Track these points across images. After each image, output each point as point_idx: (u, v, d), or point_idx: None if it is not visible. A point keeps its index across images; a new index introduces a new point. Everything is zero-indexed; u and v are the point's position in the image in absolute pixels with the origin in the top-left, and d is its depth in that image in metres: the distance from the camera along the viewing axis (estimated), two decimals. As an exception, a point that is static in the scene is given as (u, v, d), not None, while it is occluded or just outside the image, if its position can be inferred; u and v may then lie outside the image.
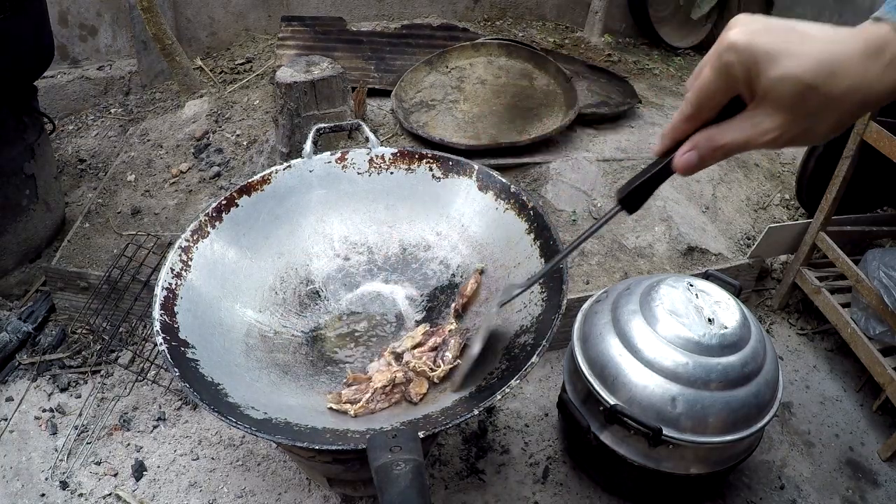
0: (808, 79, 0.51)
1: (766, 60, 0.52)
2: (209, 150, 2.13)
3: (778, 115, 0.54)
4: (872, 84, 0.50)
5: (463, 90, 2.24)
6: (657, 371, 1.18)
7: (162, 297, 1.00)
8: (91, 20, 2.64)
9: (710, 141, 0.58)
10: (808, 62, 0.51)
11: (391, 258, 1.26)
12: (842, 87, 0.51)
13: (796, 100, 0.52)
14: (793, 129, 0.54)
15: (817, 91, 0.51)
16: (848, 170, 1.60)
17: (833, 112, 0.52)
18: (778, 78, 0.52)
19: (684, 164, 0.60)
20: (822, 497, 1.47)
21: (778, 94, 0.53)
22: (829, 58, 0.51)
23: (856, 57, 0.50)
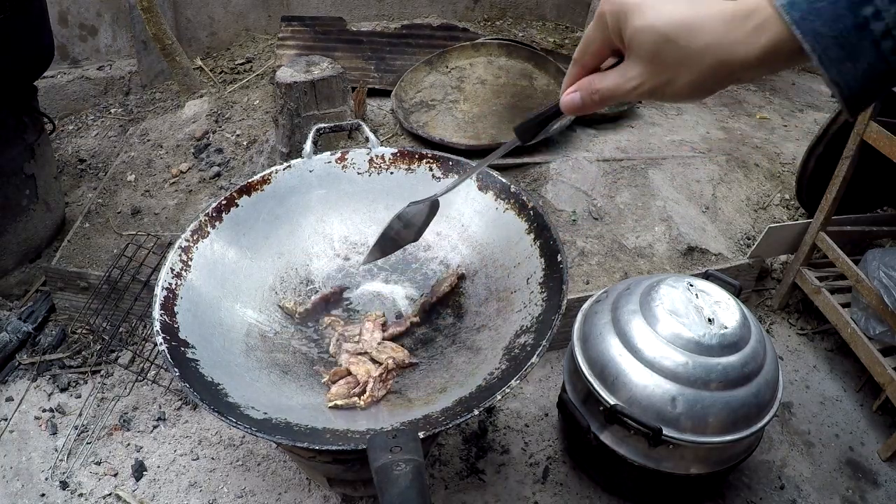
0: (665, 30, 0.53)
1: (632, 11, 0.55)
2: (209, 150, 2.13)
3: (639, 64, 0.57)
4: (732, 46, 0.51)
5: (463, 90, 2.24)
6: (657, 371, 1.18)
7: (162, 297, 1.00)
8: (91, 20, 2.64)
9: (590, 84, 0.61)
10: (669, 16, 0.53)
11: (391, 258, 1.26)
12: (698, 44, 0.52)
13: (654, 50, 0.55)
14: (653, 79, 0.56)
15: (674, 44, 0.53)
16: (848, 170, 1.60)
17: (690, 68, 0.53)
18: (639, 28, 0.54)
19: (567, 104, 0.64)
20: (822, 497, 1.47)
21: (638, 44, 0.55)
22: (691, 13, 0.52)
23: (719, 17, 0.51)
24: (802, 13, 0.48)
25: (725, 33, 0.51)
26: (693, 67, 0.53)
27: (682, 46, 0.53)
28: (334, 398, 1.01)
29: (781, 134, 2.41)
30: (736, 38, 0.51)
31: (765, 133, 2.39)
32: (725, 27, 0.51)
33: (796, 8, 0.48)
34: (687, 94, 0.56)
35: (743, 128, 2.41)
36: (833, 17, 0.47)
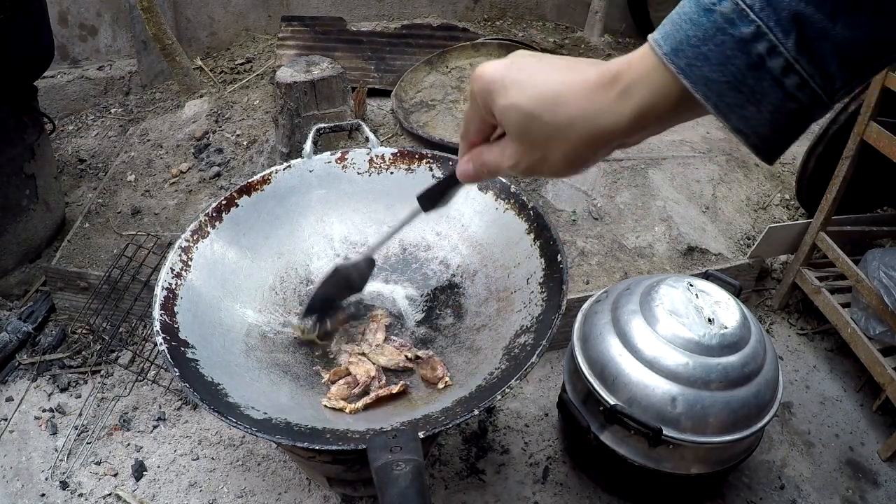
0: (528, 108, 0.51)
1: (497, 91, 0.53)
2: (209, 150, 2.13)
3: (513, 143, 0.56)
4: (598, 117, 0.48)
5: (463, 90, 2.24)
6: (657, 371, 1.18)
7: (162, 297, 1.00)
8: (91, 20, 2.64)
9: (478, 156, 0.61)
10: (531, 92, 0.51)
11: (391, 258, 1.26)
12: (563, 118, 0.50)
13: (521, 128, 0.53)
14: (528, 157, 0.55)
15: (539, 121, 0.51)
16: (848, 170, 1.59)
17: (560, 143, 0.51)
18: (504, 107, 0.53)
19: (461, 173, 0.64)
20: (822, 497, 1.47)
21: (506, 123, 0.54)
22: (554, 87, 0.50)
23: (582, 88, 0.49)
24: (688, 60, 0.43)
25: (589, 104, 0.49)
26: (562, 142, 0.51)
27: (546, 122, 0.51)
28: (335, 398, 1.01)
29: (781, 134, 2.40)
30: (600, 108, 0.48)
31: (765, 133, 2.39)
32: (588, 97, 0.49)
33: (681, 56, 0.44)
34: (563, 168, 0.54)
35: (743, 128, 2.40)
36: (721, 59, 0.42)
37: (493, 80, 0.54)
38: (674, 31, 0.45)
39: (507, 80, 0.53)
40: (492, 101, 0.54)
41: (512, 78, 0.53)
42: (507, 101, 0.53)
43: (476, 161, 0.62)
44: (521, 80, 0.52)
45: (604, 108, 0.48)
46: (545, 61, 0.53)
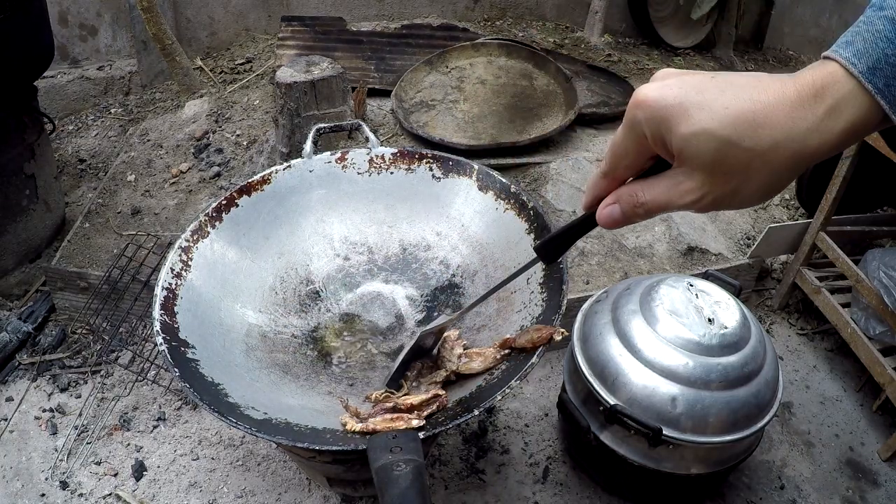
0: (724, 134, 0.45)
1: (677, 116, 0.47)
2: (209, 150, 2.13)
3: (697, 174, 0.48)
4: (806, 137, 0.44)
5: (463, 90, 2.24)
6: (657, 371, 1.18)
7: (162, 297, 1.00)
8: (91, 20, 2.64)
9: (632, 197, 0.53)
10: (724, 114, 0.45)
11: (391, 258, 1.26)
12: (766, 142, 0.44)
13: (714, 157, 0.46)
14: (715, 189, 0.48)
15: (737, 147, 0.45)
16: (848, 170, 1.60)
17: (760, 171, 0.46)
18: (691, 134, 0.46)
19: (606, 218, 0.56)
20: (822, 497, 1.47)
21: (693, 153, 0.47)
22: (751, 107, 0.45)
23: (784, 106, 0.44)
24: (887, 79, 0.41)
25: (794, 123, 0.44)
26: (763, 168, 0.45)
27: (747, 149, 0.45)
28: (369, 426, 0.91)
29: (781, 134, 2.40)
30: (808, 128, 0.43)
31: (765, 133, 2.39)
32: (793, 116, 0.44)
33: (879, 75, 0.41)
34: (759, 197, 0.49)
35: (743, 128, 2.41)
36: None
37: (667, 105, 0.47)
38: (867, 48, 0.42)
39: (686, 103, 0.46)
40: (668, 130, 0.47)
41: (692, 100, 0.46)
42: (693, 128, 0.46)
43: (628, 202, 0.53)
44: (706, 102, 0.46)
45: (811, 127, 0.44)
46: (722, 79, 0.47)
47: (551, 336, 0.93)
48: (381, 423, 0.88)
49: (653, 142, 0.50)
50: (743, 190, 0.47)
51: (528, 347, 0.95)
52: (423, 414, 0.90)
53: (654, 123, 0.48)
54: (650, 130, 0.49)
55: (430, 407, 0.92)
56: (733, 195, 0.48)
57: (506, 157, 1.97)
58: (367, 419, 0.90)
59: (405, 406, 0.91)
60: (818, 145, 0.44)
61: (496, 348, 0.99)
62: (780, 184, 0.48)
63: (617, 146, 0.53)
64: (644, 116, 0.49)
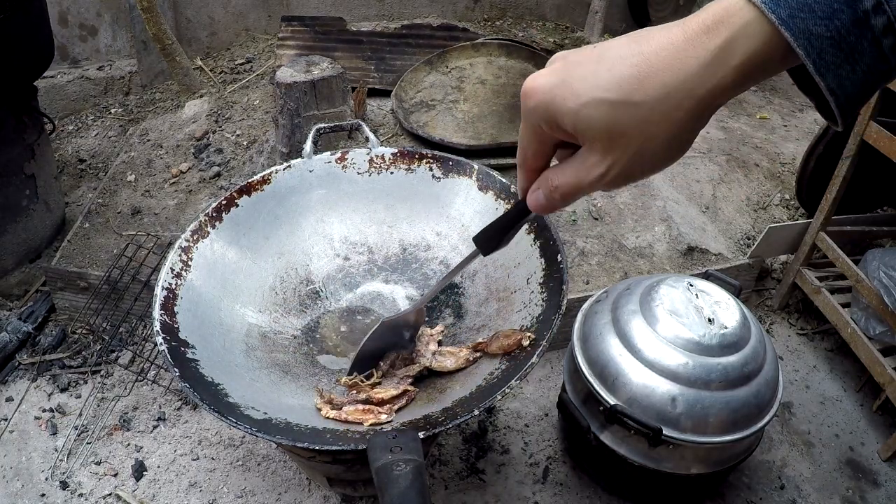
0: (610, 96, 0.43)
1: (563, 94, 0.45)
2: (209, 150, 2.13)
3: (596, 147, 0.46)
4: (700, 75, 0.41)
5: (463, 90, 2.24)
6: (657, 371, 1.18)
7: (162, 297, 1.00)
8: (91, 20, 2.64)
9: (548, 182, 0.52)
10: (607, 77, 0.43)
11: (391, 258, 1.26)
12: (656, 90, 0.42)
13: (606, 124, 0.44)
14: (619, 158, 0.45)
15: (627, 105, 0.42)
16: (848, 170, 1.59)
17: (659, 124, 0.43)
18: (579, 106, 0.44)
19: (533, 203, 0.55)
20: (822, 497, 1.47)
21: (585, 126, 0.45)
22: (634, 61, 0.42)
23: (671, 50, 0.41)
24: (791, 11, 0.39)
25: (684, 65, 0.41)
26: (663, 122, 0.43)
27: (637, 103, 0.42)
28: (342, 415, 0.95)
29: (781, 134, 2.41)
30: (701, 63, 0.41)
31: (765, 133, 2.39)
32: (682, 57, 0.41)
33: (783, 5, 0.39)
34: (666, 155, 0.46)
35: (743, 128, 2.41)
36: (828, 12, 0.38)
37: (550, 88, 0.46)
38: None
39: (568, 79, 0.45)
40: (557, 110, 0.46)
41: (573, 74, 0.45)
42: (579, 101, 0.44)
43: (546, 187, 0.52)
44: (588, 72, 0.44)
45: (705, 63, 0.41)
46: (605, 44, 0.45)
47: (520, 342, 0.97)
48: (353, 414, 0.93)
49: (549, 129, 0.48)
50: (648, 151, 0.44)
51: (500, 354, 0.99)
52: (394, 408, 0.96)
53: (543, 109, 0.47)
54: (543, 118, 0.47)
55: (399, 401, 0.97)
56: (640, 159, 0.45)
57: (506, 157, 1.97)
58: (340, 407, 0.95)
59: (377, 400, 0.96)
60: (716, 83, 0.41)
61: (469, 350, 1.02)
62: (687, 135, 0.44)
63: (521, 138, 0.53)
64: (533, 105, 0.47)
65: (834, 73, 0.39)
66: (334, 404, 0.96)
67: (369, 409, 0.95)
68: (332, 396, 0.98)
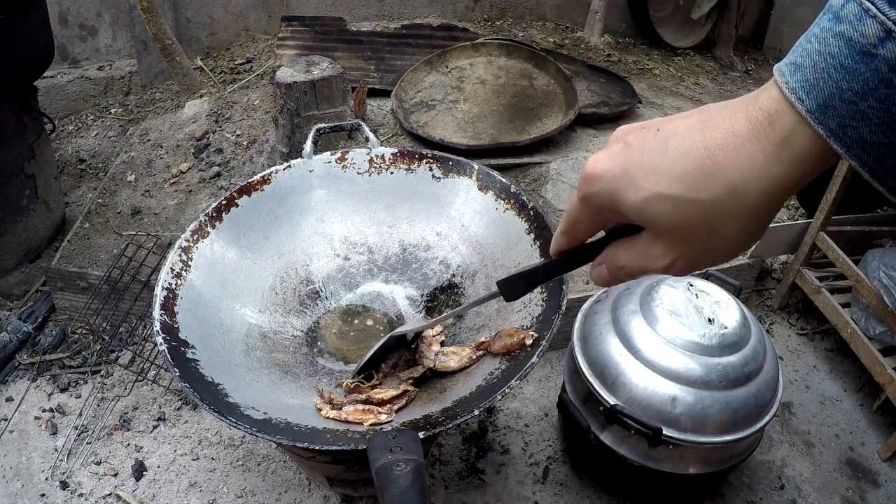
0: (675, 192, 0.41)
1: (626, 185, 0.43)
2: (209, 150, 2.13)
3: (661, 240, 0.44)
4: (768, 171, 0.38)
5: (463, 90, 2.24)
6: (657, 371, 1.18)
7: (162, 297, 1.00)
8: (91, 20, 2.64)
9: (613, 260, 0.50)
10: (671, 172, 0.41)
11: (391, 258, 1.26)
12: (721, 190, 0.40)
13: (672, 220, 0.42)
14: (685, 252, 0.44)
15: (692, 203, 0.41)
16: (848, 170, 1.60)
17: (727, 221, 0.41)
18: (642, 201, 0.42)
19: (596, 277, 0.52)
20: (822, 497, 1.47)
21: (650, 219, 0.43)
22: (698, 155, 0.40)
23: (735, 144, 0.39)
24: (841, 119, 0.35)
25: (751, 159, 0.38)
26: (731, 218, 0.41)
27: (704, 201, 0.40)
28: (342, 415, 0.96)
29: (781, 134, 2.40)
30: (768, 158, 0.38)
31: (765, 133, 2.39)
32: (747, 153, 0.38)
33: (832, 114, 0.35)
34: (737, 248, 0.44)
35: (743, 128, 2.40)
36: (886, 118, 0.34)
37: (614, 177, 0.43)
38: (818, 80, 0.36)
39: (631, 169, 0.43)
40: (620, 201, 0.44)
41: (637, 164, 0.42)
42: (642, 194, 0.42)
43: (612, 265, 0.49)
44: (650, 163, 0.42)
45: (770, 160, 0.38)
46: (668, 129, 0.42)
47: (522, 341, 0.97)
48: (353, 414, 0.93)
49: (611, 213, 0.46)
50: (715, 245, 0.43)
51: (503, 353, 0.99)
52: (394, 408, 0.96)
53: (606, 198, 0.45)
54: (606, 206, 0.46)
55: (399, 402, 0.97)
56: (707, 253, 0.44)
57: (506, 157, 1.97)
58: (340, 407, 0.95)
59: (377, 400, 0.96)
60: (781, 176, 0.39)
61: (472, 349, 1.03)
62: (757, 228, 0.43)
63: (573, 213, 0.50)
64: (597, 191, 0.46)
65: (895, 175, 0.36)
66: (334, 404, 0.97)
67: (369, 409, 0.95)
68: (332, 396, 0.98)
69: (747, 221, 0.41)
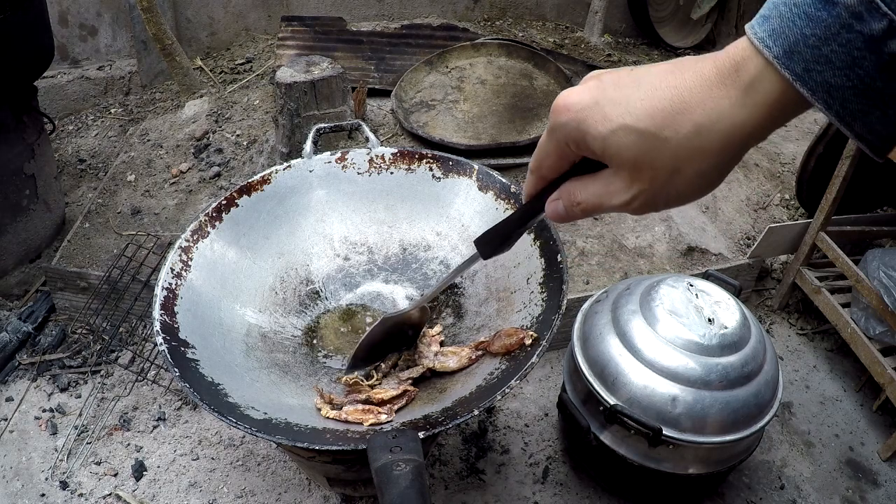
0: (642, 126, 0.42)
1: (594, 116, 0.45)
2: (209, 150, 2.13)
3: (623, 174, 0.46)
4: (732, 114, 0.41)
5: (463, 90, 2.24)
6: (657, 371, 1.18)
7: (162, 297, 1.00)
8: (91, 20, 2.64)
9: (570, 195, 0.51)
10: (640, 107, 0.43)
11: (391, 258, 1.26)
12: (687, 127, 0.41)
13: (636, 154, 0.43)
14: (645, 188, 0.45)
15: (657, 139, 0.42)
16: (848, 170, 1.59)
17: (689, 161, 0.43)
18: (609, 132, 0.44)
19: (551, 212, 0.54)
20: (822, 497, 1.47)
21: (614, 152, 0.45)
22: (668, 94, 0.42)
23: (704, 86, 0.41)
24: (805, 64, 0.37)
25: (715, 103, 0.41)
26: (692, 158, 0.43)
27: (668, 139, 0.42)
28: (342, 415, 0.95)
29: (781, 134, 2.41)
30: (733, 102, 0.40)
31: (765, 133, 2.39)
32: (715, 95, 0.41)
33: (797, 59, 0.38)
34: (696, 190, 0.45)
35: (743, 128, 2.41)
36: (848, 61, 0.36)
37: (583, 108, 0.45)
38: (784, 27, 0.38)
39: (602, 101, 0.44)
40: (587, 132, 0.45)
41: (609, 97, 0.44)
42: (611, 126, 0.44)
43: (568, 200, 0.51)
44: (622, 98, 0.44)
45: (736, 103, 0.40)
46: (642, 70, 0.45)
47: (522, 341, 0.97)
48: (353, 414, 0.93)
49: (576, 147, 0.48)
50: (675, 184, 0.44)
51: (502, 353, 0.99)
52: (394, 408, 0.96)
53: (573, 128, 0.46)
54: (572, 137, 0.47)
55: (399, 401, 0.97)
56: (664, 192, 0.45)
57: (506, 157, 1.97)
58: (340, 407, 0.95)
59: (377, 400, 0.96)
60: (746, 121, 0.41)
61: (472, 349, 1.03)
62: (718, 172, 0.44)
63: (540, 148, 0.52)
64: (564, 121, 0.47)
65: (862, 121, 0.38)
66: (334, 404, 0.97)
67: (369, 409, 0.95)
68: (332, 396, 0.98)
69: (709, 163, 0.43)
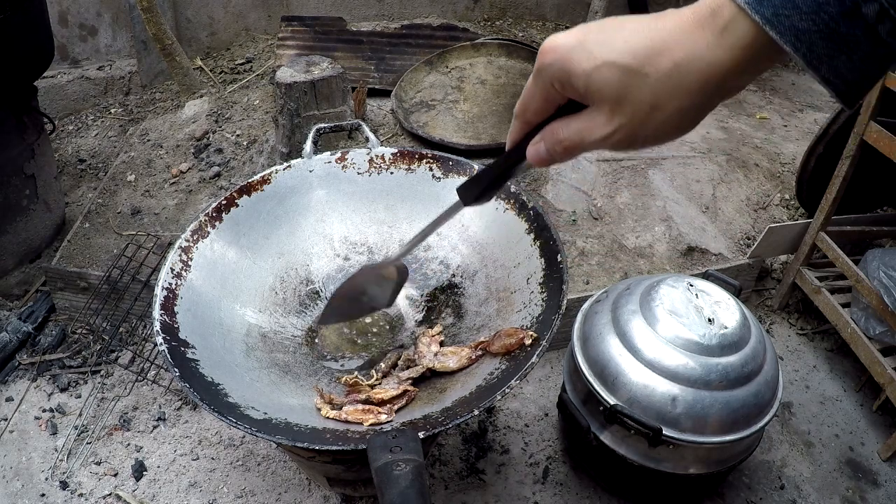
0: (624, 62, 0.45)
1: (579, 55, 0.48)
2: (209, 150, 2.13)
3: (604, 109, 0.48)
4: (708, 55, 0.43)
5: (463, 90, 2.24)
6: (657, 371, 1.18)
7: (162, 297, 1.00)
8: (91, 20, 2.64)
9: (553, 135, 0.53)
10: (623, 45, 0.46)
11: (391, 258, 1.26)
12: (667, 65, 0.44)
13: (617, 89, 0.46)
14: (625, 123, 0.48)
15: (639, 75, 0.45)
16: (848, 170, 1.59)
17: (668, 97, 0.45)
18: (593, 69, 0.47)
19: (532, 155, 0.56)
20: (822, 497, 1.47)
21: (597, 87, 0.47)
22: (649, 35, 0.45)
23: (682, 28, 0.44)
24: (775, 9, 0.40)
25: (693, 43, 0.44)
26: (672, 95, 0.45)
27: (649, 74, 0.45)
28: (342, 415, 0.96)
29: (781, 134, 2.41)
30: (709, 43, 0.43)
31: (765, 133, 2.39)
32: (691, 37, 0.44)
33: (767, 4, 0.41)
34: (674, 128, 0.48)
35: (743, 128, 2.41)
36: (813, 7, 0.39)
37: (570, 47, 0.48)
38: None
39: (587, 42, 0.47)
40: (571, 70, 0.48)
41: (593, 38, 0.47)
42: (594, 63, 0.46)
43: (551, 140, 0.53)
44: (606, 39, 0.47)
45: (712, 43, 0.43)
46: (622, 18, 0.48)
47: (522, 341, 0.97)
48: (353, 414, 0.94)
49: (560, 87, 0.50)
50: (654, 120, 0.47)
51: (502, 353, 0.98)
52: (394, 408, 0.96)
53: (558, 67, 0.49)
54: (556, 76, 0.50)
55: (399, 401, 0.97)
56: (645, 127, 0.48)
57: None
58: (340, 407, 0.95)
59: (377, 400, 0.97)
60: (721, 62, 0.43)
61: (472, 349, 1.03)
62: (696, 111, 0.47)
63: (526, 91, 0.54)
64: (549, 61, 0.50)
65: (828, 65, 0.41)
66: (334, 404, 0.97)
67: (369, 409, 0.95)
68: (332, 396, 0.98)
69: (688, 101, 0.46)
